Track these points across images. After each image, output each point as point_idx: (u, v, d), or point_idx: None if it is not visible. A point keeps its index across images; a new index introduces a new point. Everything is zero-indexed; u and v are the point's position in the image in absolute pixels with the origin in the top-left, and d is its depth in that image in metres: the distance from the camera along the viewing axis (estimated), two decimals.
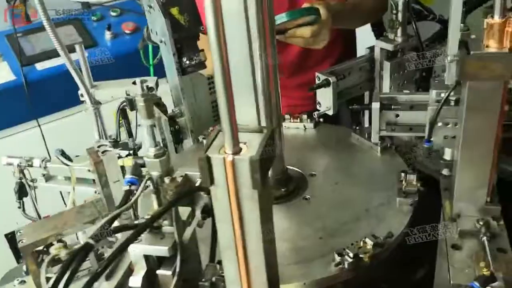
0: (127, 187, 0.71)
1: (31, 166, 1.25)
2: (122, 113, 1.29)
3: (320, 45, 1.54)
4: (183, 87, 1.39)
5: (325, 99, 1.33)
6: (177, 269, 0.70)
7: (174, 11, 1.31)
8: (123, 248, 0.63)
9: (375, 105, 1.10)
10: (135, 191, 0.71)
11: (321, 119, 1.42)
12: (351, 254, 0.96)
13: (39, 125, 2.31)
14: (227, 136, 0.63)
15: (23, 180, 1.26)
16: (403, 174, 1.14)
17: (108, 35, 2.41)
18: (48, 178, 1.24)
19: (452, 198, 1.03)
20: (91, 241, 0.58)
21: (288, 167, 1.27)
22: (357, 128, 1.34)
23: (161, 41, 1.36)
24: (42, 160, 1.21)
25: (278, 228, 1.07)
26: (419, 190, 1.11)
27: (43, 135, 2.30)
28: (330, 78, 1.29)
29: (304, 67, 1.81)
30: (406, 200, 1.09)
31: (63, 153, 1.14)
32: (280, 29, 1.52)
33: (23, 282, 1.05)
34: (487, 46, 0.87)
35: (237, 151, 0.64)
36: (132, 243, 0.64)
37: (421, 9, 1.07)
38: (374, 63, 1.37)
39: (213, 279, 0.76)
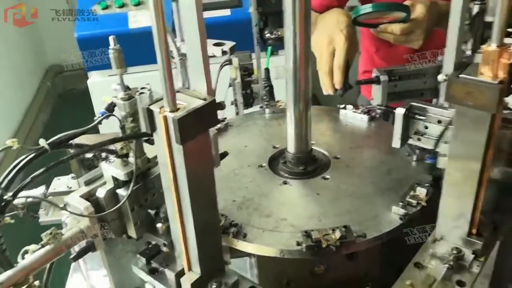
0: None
1: None
2: None
3: (414, 45, 1.52)
4: (258, 57, 1.53)
5: (377, 96, 1.34)
6: (129, 191, 0.88)
7: None
8: (72, 157, 0.85)
9: (399, 111, 1.10)
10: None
11: (377, 115, 1.44)
12: (313, 238, 1.03)
13: None
14: (165, 97, 0.77)
15: None
16: (416, 185, 1.15)
17: None
18: None
19: None
20: (47, 147, 0.79)
21: (322, 151, 1.35)
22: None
23: (249, 12, 1.51)
24: None
25: (284, 199, 1.20)
26: (421, 205, 1.11)
27: None
28: (382, 76, 1.30)
29: None
30: (399, 210, 1.10)
31: None
32: (373, 23, 1.54)
33: None
34: (481, 73, 0.83)
35: (172, 110, 0.78)
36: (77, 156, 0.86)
37: None
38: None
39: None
